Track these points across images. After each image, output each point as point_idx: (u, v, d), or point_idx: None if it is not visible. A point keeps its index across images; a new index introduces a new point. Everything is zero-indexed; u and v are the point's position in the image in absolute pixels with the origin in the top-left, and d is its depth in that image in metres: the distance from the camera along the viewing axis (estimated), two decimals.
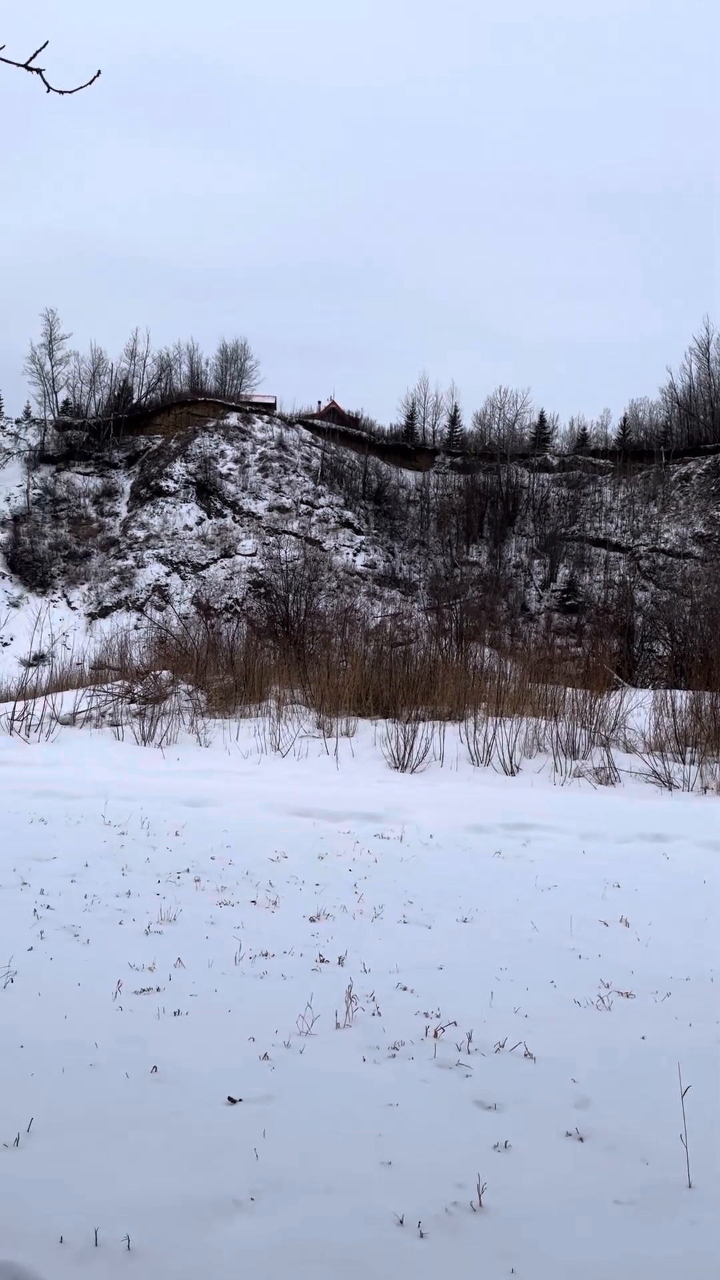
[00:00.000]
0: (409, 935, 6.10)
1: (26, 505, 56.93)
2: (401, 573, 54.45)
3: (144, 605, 49.52)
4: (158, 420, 63.73)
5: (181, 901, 6.54)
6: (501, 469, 60.15)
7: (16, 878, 6.86)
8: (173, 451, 59.74)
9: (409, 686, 16.87)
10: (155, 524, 55.38)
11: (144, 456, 61.05)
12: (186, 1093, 3.65)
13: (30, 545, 54.15)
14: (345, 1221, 2.84)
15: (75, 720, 15.90)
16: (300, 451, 61.03)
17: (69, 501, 57.77)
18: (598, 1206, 3.02)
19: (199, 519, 55.77)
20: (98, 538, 55.35)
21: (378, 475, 61.28)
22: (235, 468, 58.38)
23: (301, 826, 9.59)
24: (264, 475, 58.13)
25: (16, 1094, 3.56)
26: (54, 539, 55.05)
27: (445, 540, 57.64)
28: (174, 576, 51.98)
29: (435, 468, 63.91)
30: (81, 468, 60.26)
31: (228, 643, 23.74)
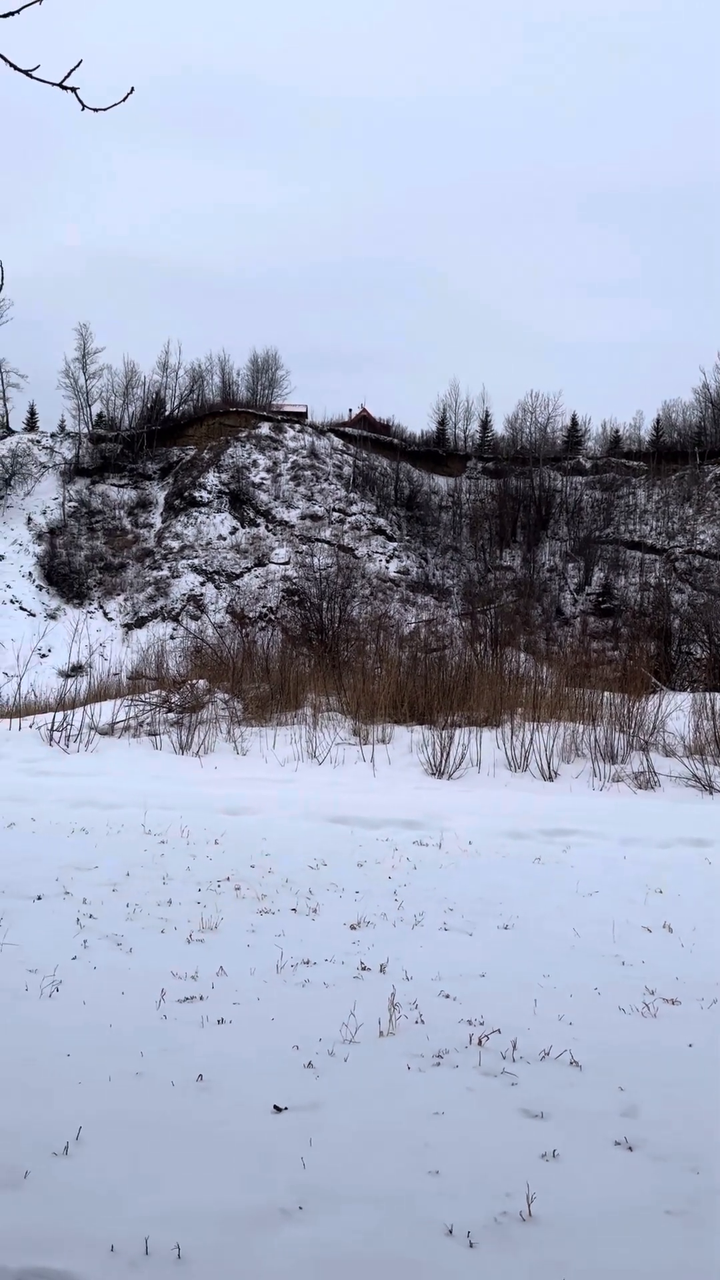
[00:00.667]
0: (450, 942, 6.07)
1: (62, 518, 57.54)
2: (435, 579, 54.38)
3: (179, 615, 49.84)
4: (190, 431, 64.20)
5: (222, 909, 6.56)
6: (534, 473, 59.91)
7: (59, 887, 6.92)
8: (205, 462, 60.15)
9: (444, 693, 16.82)
10: (189, 534, 55.75)
11: (177, 468, 61.52)
12: (232, 1101, 3.66)
13: (67, 557, 54.71)
14: (394, 1231, 2.83)
15: (114, 730, 16.02)
16: (332, 459, 61.20)
17: (104, 513, 58.33)
18: (649, 1216, 2.99)
19: (232, 528, 56.07)
20: (133, 549, 55.82)
21: (409, 481, 61.29)
22: (268, 477, 58.65)
23: (340, 834, 9.58)
24: (296, 484, 58.35)
25: (65, 1102, 3.58)
26: (90, 551, 55.59)
27: (478, 545, 57.49)
28: (208, 586, 52.28)
29: (467, 473, 63.79)
30: (116, 480, 60.83)
31: (263, 651, 23.82)
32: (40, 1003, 4.66)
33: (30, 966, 5.13)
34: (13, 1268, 2.57)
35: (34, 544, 55.21)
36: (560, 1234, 2.88)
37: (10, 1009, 4.56)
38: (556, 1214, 2.97)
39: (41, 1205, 2.90)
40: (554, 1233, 2.88)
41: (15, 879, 6.99)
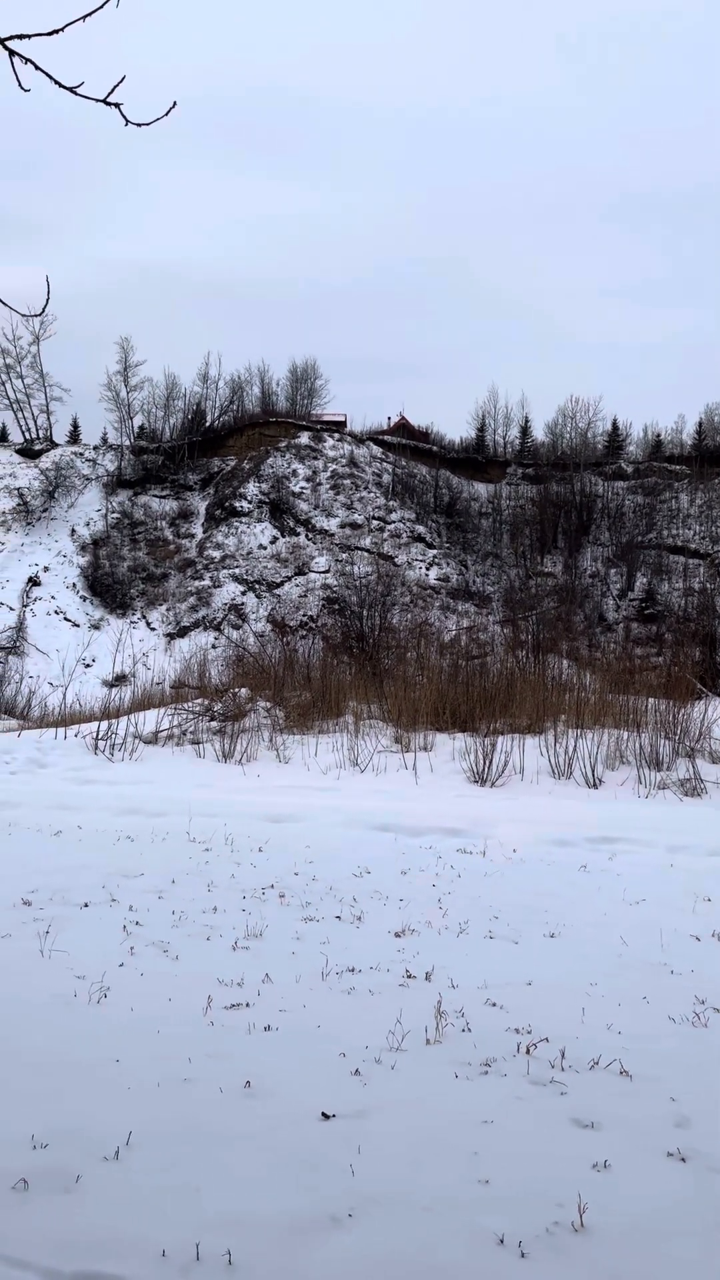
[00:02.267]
0: (496, 951, 6.04)
1: (105, 529, 58.22)
2: (475, 585, 54.22)
3: (221, 624, 50.16)
4: (231, 442, 64.71)
5: (267, 917, 6.57)
6: (575, 478, 59.56)
7: (106, 894, 6.97)
8: (246, 472, 60.55)
9: (486, 700, 16.73)
10: (230, 544, 56.13)
11: (218, 478, 61.99)
12: (280, 1108, 3.66)
13: (110, 568, 55.32)
14: (445, 1240, 2.81)
15: (157, 739, 16.14)
16: (371, 468, 61.33)
17: (146, 524, 58.92)
18: (703, 1229, 2.94)
19: (273, 538, 56.37)
20: (175, 559, 56.31)
21: (449, 489, 61.22)
22: (307, 486, 58.90)
23: (383, 842, 9.56)
24: (336, 492, 58.52)
25: (115, 1108, 3.61)
26: (132, 561, 56.16)
27: (519, 552, 57.26)
28: (249, 595, 52.57)
29: (507, 479, 63.60)
30: (158, 491, 61.45)
31: (304, 659, 23.88)
32: (89, 1009, 4.70)
33: (79, 973, 5.18)
34: (66, 1271, 2.59)
35: (78, 555, 55.90)
36: (613, 1245, 2.84)
37: (60, 1015, 4.60)
38: (609, 1225, 2.93)
39: (93, 1209, 2.92)
40: (607, 1244, 2.84)
41: (63, 886, 7.06)
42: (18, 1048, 4.16)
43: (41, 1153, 3.25)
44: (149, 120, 3.96)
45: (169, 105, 3.96)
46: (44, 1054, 4.10)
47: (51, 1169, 3.13)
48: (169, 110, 3.95)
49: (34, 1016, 4.55)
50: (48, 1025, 4.45)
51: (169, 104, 3.98)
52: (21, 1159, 3.19)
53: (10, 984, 4.98)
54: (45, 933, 5.87)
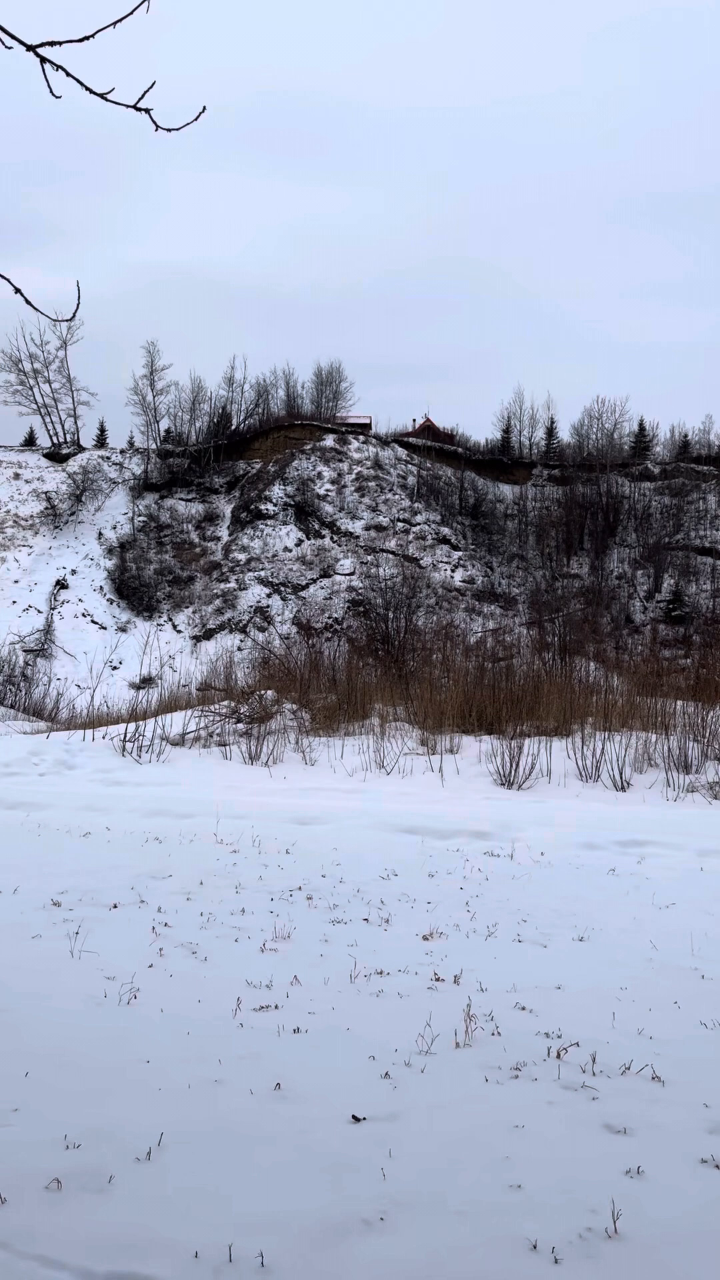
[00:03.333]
0: (525, 954, 6.01)
1: (132, 533, 58.57)
2: (501, 587, 54.07)
3: (246, 627, 50.32)
4: (256, 445, 64.93)
5: (295, 919, 6.58)
6: (601, 479, 59.28)
7: (135, 895, 7.00)
8: (271, 475, 60.73)
9: (513, 702, 16.67)
10: (255, 547, 56.30)
11: (243, 481, 62.22)
12: (311, 1110, 3.66)
13: (136, 571, 55.64)
14: (478, 1245, 2.80)
15: (184, 741, 16.21)
16: (396, 470, 61.32)
17: (172, 527, 59.22)
18: None
19: (298, 540, 56.48)
20: (200, 562, 56.56)
21: (474, 490, 61.11)
22: (332, 489, 58.98)
23: (410, 844, 9.55)
24: (361, 495, 58.56)
25: (146, 1108, 3.62)
26: (159, 564, 56.46)
27: (545, 553, 57.05)
28: (275, 598, 52.70)
29: (533, 480, 63.40)
30: (183, 494, 61.75)
31: (329, 662, 23.90)
32: (119, 1010, 4.72)
33: (108, 974, 5.20)
34: (100, 1271, 2.60)
35: (105, 558, 56.27)
36: (647, 1252, 2.81)
37: (90, 1015, 4.62)
38: (643, 1231, 2.91)
39: (126, 1210, 2.93)
40: (641, 1251, 2.82)
41: (92, 887, 7.10)
42: (49, 1048, 4.18)
43: (74, 1153, 3.26)
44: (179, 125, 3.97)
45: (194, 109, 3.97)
46: (75, 1054, 4.12)
47: (84, 1169, 3.14)
48: (199, 115, 3.96)
49: (65, 1017, 4.57)
50: (78, 1026, 4.48)
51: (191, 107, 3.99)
52: (54, 1159, 3.20)
53: (41, 984, 5.01)
54: (75, 933, 5.90)
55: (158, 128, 3.91)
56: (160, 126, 3.92)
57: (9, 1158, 3.20)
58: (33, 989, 4.93)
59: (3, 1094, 3.69)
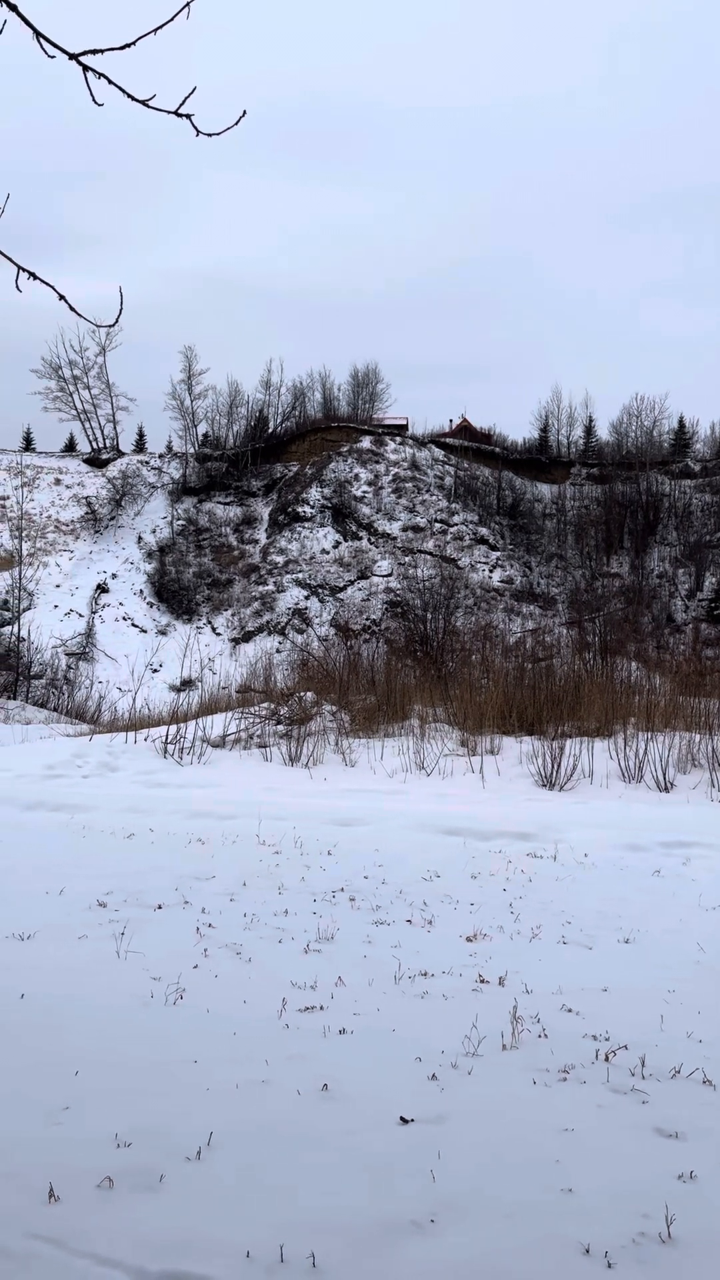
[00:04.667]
0: (569, 956, 5.96)
1: (171, 536, 59.01)
2: (539, 587, 53.76)
3: (285, 629, 50.48)
4: (293, 448, 65.13)
5: (338, 920, 6.58)
6: (640, 477, 58.73)
7: (179, 896, 7.05)
8: (308, 478, 60.88)
9: (553, 703, 16.56)
10: (293, 549, 56.47)
11: (281, 484, 62.44)
12: (358, 1111, 3.66)
13: (176, 575, 56.05)
14: (529, 1249, 2.78)
15: (225, 742, 16.29)
16: (433, 471, 61.21)
17: (211, 531, 59.58)
18: None
19: (335, 542, 56.57)
20: (239, 565, 56.84)
21: (512, 490, 60.82)
22: (369, 490, 59.00)
23: (452, 845, 9.52)
24: (398, 496, 58.53)
25: (195, 1108, 3.64)
26: (198, 568, 56.83)
27: (584, 552, 56.64)
28: (313, 600, 52.81)
29: (571, 479, 62.98)
30: (222, 498, 62.11)
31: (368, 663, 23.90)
32: (165, 1010, 4.75)
33: (154, 974, 5.24)
34: (153, 1270, 2.62)
35: (144, 562, 56.74)
36: (701, 1256, 2.78)
37: (137, 1015, 4.66)
38: (698, 1236, 2.87)
39: (178, 1209, 2.95)
40: (695, 1255, 2.78)
41: (137, 889, 7.16)
42: (98, 1047, 4.22)
43: (125, 1152, 3.29)
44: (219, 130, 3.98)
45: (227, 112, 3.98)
46: (124, 1054, 4.15)
47: (135, 1168, 3.16)
48: (239, 120, 3.97)
49: (113, 1017, 4.61)
50: (126, 1025, 4.51)
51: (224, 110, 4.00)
52: (106, 1157, 3.23)
53: (89, 984, 5.06)
54: (121, 934, 5.95)
55: (199, 133, 3.93)
56: (201, 131, 3.93)
57: (61, 1156, 3.23)
58: (80, 989, 4.97)
59: (53, 1093, 3.73)
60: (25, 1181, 3.06)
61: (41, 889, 7.02)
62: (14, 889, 7.03)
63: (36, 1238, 2.75)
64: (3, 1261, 2.64)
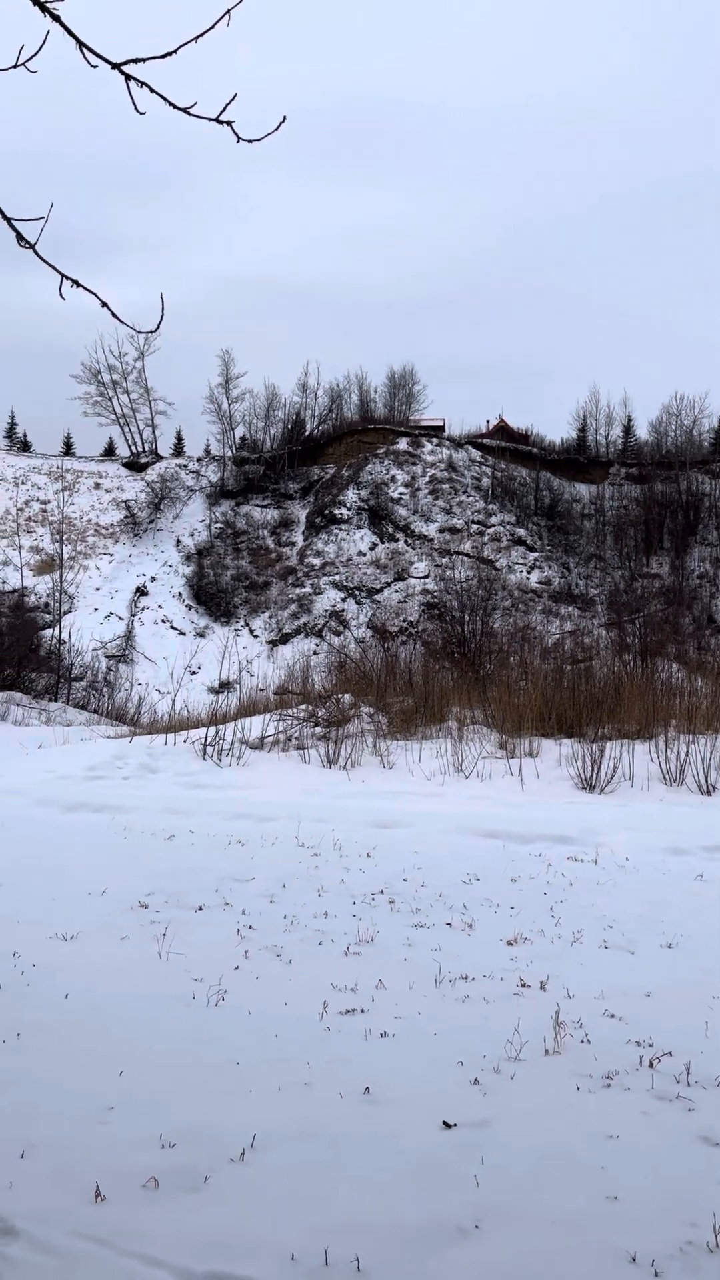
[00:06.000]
0: (611, 961, 5.91)
1: (209, 539, 59.37)
2: (578, 588, 53.40)
3: (322, 631, 50.58)
4: (330, 450, 65.25)
5: (377, 923, 6.58)
6: (680, 477, 58.14)
7: (219, 898, 7.08)
8: (345, 480, 60.97)
9: (593, 705, 16.42)
10: (330, 551, 56.56)
11: (317, 486, 62.59)
12: (400, 1115, 3.65)
13: (214, 577, 56.39)
14: (575, 1256, 2.76)
15: (263, 744, 16.34)
16: (470, 471, 61.04)
17: (248, 534, 59.87)
18: None
19: (372, 544, 56.59)
20: (276, 567, 57.05)
21: (550, 491, 60.47)
22: (406, 492, 58.96)
23: (491, 848, 9.48)
24: (435, 497, 58.43)
25: (238, 1109, 3.65)
26: (235, 570, 57.12)
27: (623, 553, 56.16)
28: (349, 602, 52.87)
29: (610, 479, 62.49)
30: (259, 500, 62.38)
31: (405, 665, 23.85)
32: (208, 1011, 4.77)
33: (196, 975, 5.27)
34: (198, 1271, 2.63)
35: (183, 565, 57.14)
36: None
37: (181, 1016, 4.69)
38: None
39: (222, 1210, 2.96)
40: None
41: (178, 890, 7.20)
42: (141, 1047, 4.25)
43: (170, 1152, 3.31)
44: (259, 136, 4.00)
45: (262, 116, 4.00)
46: (167, 1054, 4.18)
47: (180, 1168, 3.18)
48: (279, 125, 3.99)
49: (156, 1017, 4.65)
50: (169, 1026, 4.54)
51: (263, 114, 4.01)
52: (151, 1157, 3.26)
53: (132, 984, 5.10)
54: (162, 935, 5.99)
55: (239, 139, 3.95)
56: (242, 138, 3.95)
57: (107, 1155, 3.26)
58: (123, 989, 5.02)
59: (99, 1092, 3.76)
60: (72, 1180, 3.09)
61: (84, 889, 7.09)
62: (57, 889, 7.11)
63: (83, 1237, 2.77)
64: (50, 1260, 2.67)
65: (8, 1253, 2.68)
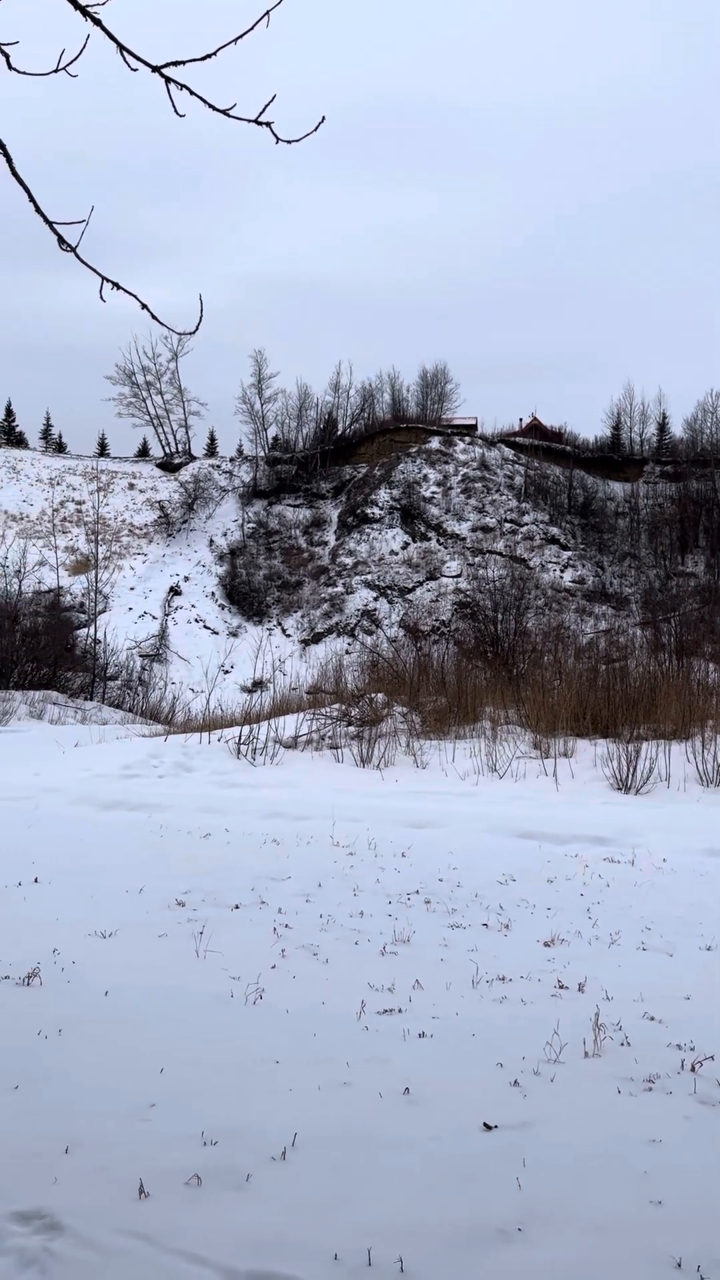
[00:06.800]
0: (650, 963, 5.86)
1: (242, 539, 59.61)
2: (612, 587, 53.02)
3: (354, 630, 50.61)
4: (362, 450, 65.27)
5: (413, 923, 6.57)
6: (716, 474, 57.54)
7: (255, 896, 7.10)
8: (377, 479, 60.95)
9: (628, 705, 16.30)
10: (362, 550, 56.58)
11: (349, 486, 62.62)
12: (440, 1116, 3.64)
13: (246, 577, 56.61)
14: (621, 1261, 2.74)
15: (296, 743, 16.38)
16: (503, 470, 60.81)
17: (280, 533, 60.03)
18: None
19: (404, 543, 56.54)
20: (308, 567, 57.16)
21: (583, 489, 60.10)
22: (438, 491, 58.85)
23: (526, 849, 9.44)
24: (467, 496, 58.27)
25: (278, 1108, 3.66)
26: (268, 570, 57.31)
27: (658, 551, 55.71)
28: (381, 601, 52.86)
29: (644, 477, 62.01)
30: (291, 500, 62.55)
31: (438, 664, 23.79)
32: (246, 1009, 4.79)
33: (233, 974, 5.28)
34: (242, 1270, 2.64)
35: (216, 565, 57.42)
36: None
37: (218, 1014, 4.70)
38: None
39: (264, 1209, 2.97)
40: None
41: (214, 888, 7.23)
42: (181, 1045, 4.27)
43: (212, 1150, 3.32)
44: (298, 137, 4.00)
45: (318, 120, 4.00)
46: (206, 1052, 4.20)
47: (222, 1166, 3.19)
48: (317, 126, 3.99)
49: (194, 1015, 4.67)
50: (208, 1024, 4.56)
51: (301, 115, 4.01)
52: (194, 1155, 3.27)
53: (170, 983, 5.13)
54: (199, 933, 6.02)
55: (278, 140, 3.95)
56: (281, 139, 3.96)
57: (150, 1152, 3.28)
58: (162, 987, 5.04)
59: (140, 1089, 3.79)
60: (116, 1177, 3.11)
61: (121, 887, 7.14)
62: (95, 887, 7.16)
63: (127, 1233, 2.79)
64: (95, 1256, 2.69)
65: (53, 1248, 2.70)
